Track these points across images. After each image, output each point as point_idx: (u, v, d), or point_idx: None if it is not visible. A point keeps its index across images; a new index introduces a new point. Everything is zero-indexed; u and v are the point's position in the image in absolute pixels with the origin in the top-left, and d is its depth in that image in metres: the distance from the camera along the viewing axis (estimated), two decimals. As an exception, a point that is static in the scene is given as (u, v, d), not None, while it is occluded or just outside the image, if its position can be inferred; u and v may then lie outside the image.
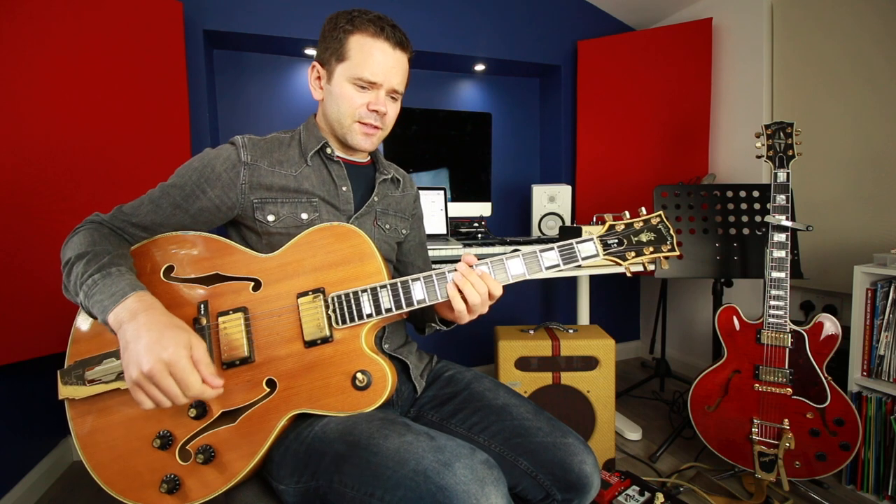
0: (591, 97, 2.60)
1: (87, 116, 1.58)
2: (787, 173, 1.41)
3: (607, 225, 0.83)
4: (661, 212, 0.83)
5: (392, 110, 0.92)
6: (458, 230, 2.14)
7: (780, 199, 1.40)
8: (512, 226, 2.83)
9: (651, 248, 0.82)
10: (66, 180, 1.52)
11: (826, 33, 1.97)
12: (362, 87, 0.87)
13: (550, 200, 2.27)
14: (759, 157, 1.46)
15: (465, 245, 1.83)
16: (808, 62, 2.04)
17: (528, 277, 0.80)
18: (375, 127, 0.90)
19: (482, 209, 2.35)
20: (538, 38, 2.59)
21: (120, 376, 0.75)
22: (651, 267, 0.86)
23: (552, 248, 0.80)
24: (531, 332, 1.73)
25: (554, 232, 2.23)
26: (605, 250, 0.81)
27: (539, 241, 2.03)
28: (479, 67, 2.63)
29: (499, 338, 1.68)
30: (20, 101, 1.44)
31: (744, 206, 1.68)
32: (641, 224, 0.82)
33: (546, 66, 2.66)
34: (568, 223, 2.25)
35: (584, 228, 1.78)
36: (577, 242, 0.80)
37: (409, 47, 0.90)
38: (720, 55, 2.40)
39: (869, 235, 1.83)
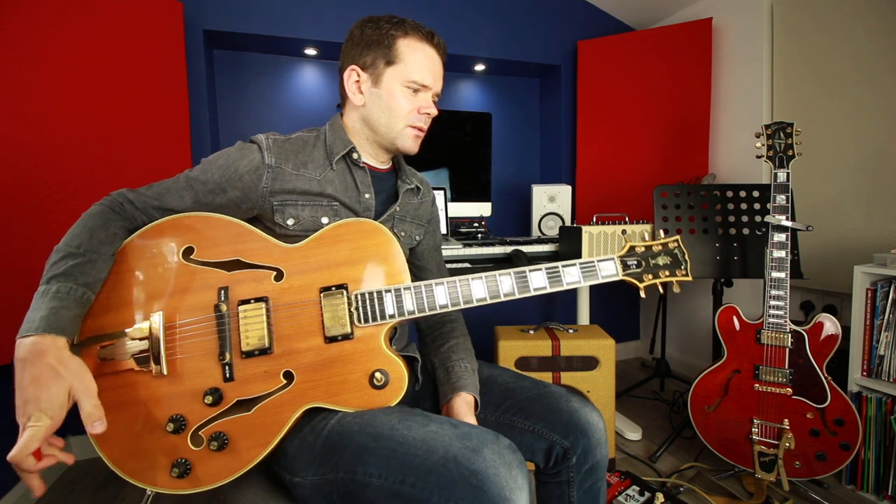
0: (591, 97, 2.60)
1: (88, 116, 1.58)
2: (787, 173, 1.41)
3: (627, 246, 0.87)
4: (677, 237, 0.87)
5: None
6: (458, 230, 2.14)
7: (780, 199, 1.40)
8: (512, 226, 2.83)
9: (666, 272, 0.86)
10: (66, 180, 1.52)
11: (826, 33, 1.97)
12: (415, 90, 0.90)
13: (550, 200, 2.27)
14: (759, 157, 1.46)
15: (465, 245, 1.83)
16: (807, 62, 2.04)
17: (549, 291, 0.83)
18: (422, 130, 0.94)
19: (482, 209, 2.35)
20: (538, 38, 2.59)
21: (134, 356, 0.74)
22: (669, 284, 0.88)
23: (574, 265, 0.83)
24: (531, 332, 1.73)
25: (554, 232, 2.23)
26: (624, 271, 0.85)
27: (539, 240, 2.03)
28: (479, 67, 2.63)
29: (499, 338, 1.68)
30: (20, 101, 1.44)
31: (744, 206, 1.68)
32: (660, 247, 0.86)
33: (546, 66, 2.66)
34: (568, 223, 2.25)
35: (584, 228, 1.78)
36: (599, 261, 0.84)
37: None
38: (720, 55, 2.40)
39: (869, 235, 1.83)
